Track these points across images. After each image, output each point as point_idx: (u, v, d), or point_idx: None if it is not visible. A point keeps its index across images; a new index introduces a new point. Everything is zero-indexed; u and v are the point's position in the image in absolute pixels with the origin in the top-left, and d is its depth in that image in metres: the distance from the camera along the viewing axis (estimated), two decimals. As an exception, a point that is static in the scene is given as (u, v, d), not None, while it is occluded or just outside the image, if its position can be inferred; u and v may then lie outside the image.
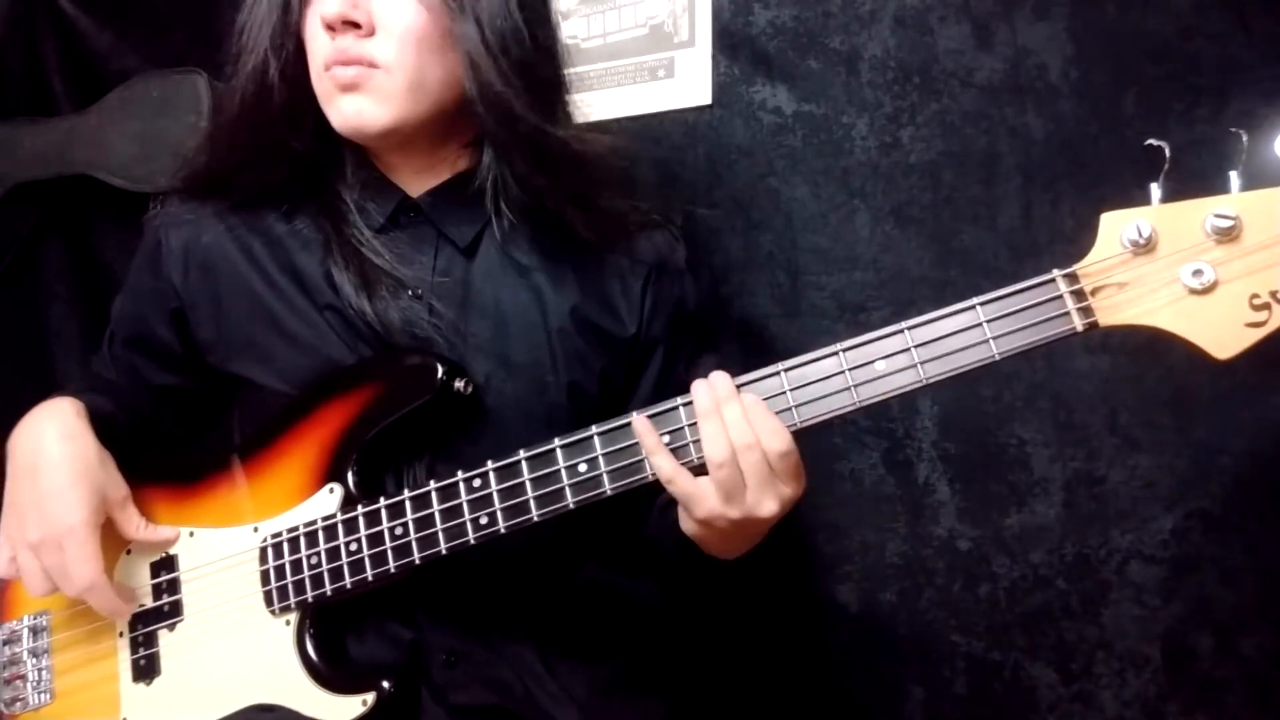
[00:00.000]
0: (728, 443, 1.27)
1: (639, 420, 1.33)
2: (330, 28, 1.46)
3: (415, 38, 1.47)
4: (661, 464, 1.31)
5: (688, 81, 2.14)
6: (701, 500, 1.30)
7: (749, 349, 2.08)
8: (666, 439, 1.33)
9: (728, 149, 2.12)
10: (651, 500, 1.64)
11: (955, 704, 2.00)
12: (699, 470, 1.30)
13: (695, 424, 1.31)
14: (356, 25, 1.46)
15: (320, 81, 1.51)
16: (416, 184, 1.62)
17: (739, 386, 1.32)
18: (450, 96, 1.53)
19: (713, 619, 2.07)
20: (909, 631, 2.03)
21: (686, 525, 1.37)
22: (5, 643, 1.62)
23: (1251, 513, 1.80)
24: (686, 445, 1.32)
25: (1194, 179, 1.18)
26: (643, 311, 1.64)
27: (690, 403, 1.32)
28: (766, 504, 1.29)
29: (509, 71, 1.50)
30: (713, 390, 1.30)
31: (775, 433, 1.28)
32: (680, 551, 1.45)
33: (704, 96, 2.13)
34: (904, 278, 1.99)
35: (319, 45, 1.50)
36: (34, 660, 1.60)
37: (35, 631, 1.61)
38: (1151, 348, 1.79)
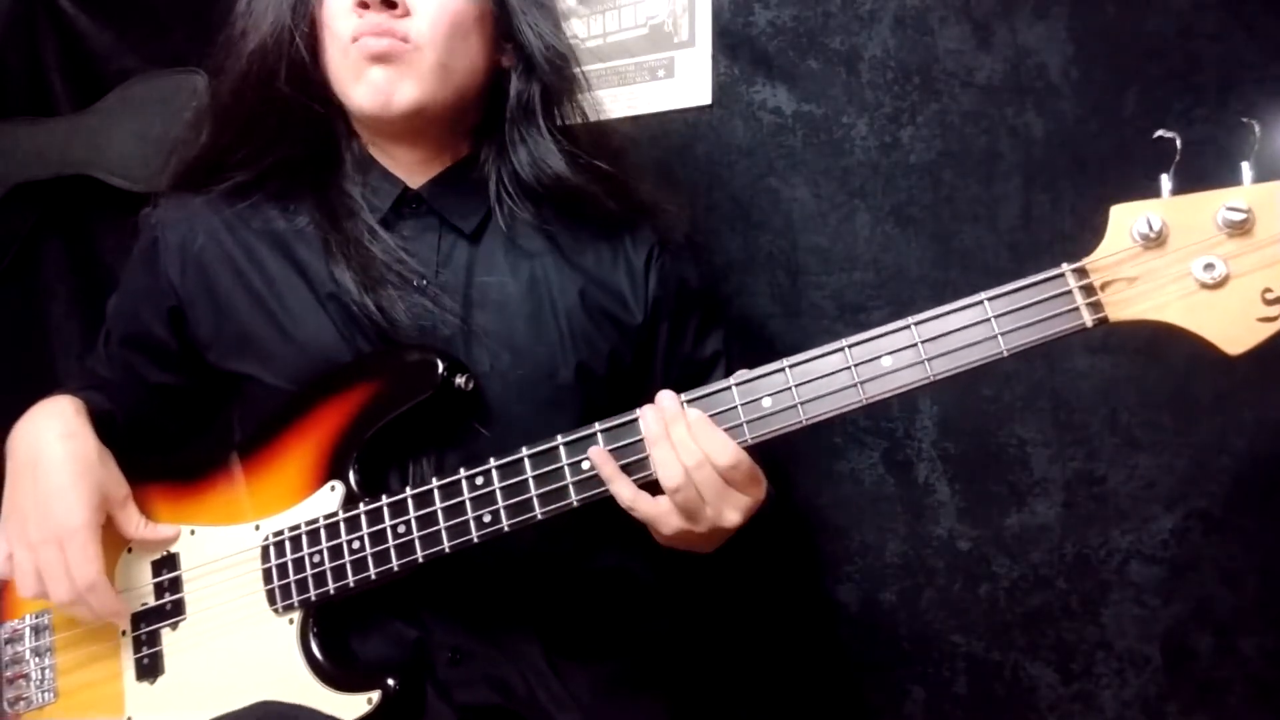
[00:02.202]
0: (680, 466, 1.28)
1: (595, 451, 1.33)
2: (364, 4, 1.47)
3: (449, 20, 1.50)
4: (621, 491, 1.32)
5: (688, 81, 2.14)
6: (665, 520, 1.31)
7: (749, 349, 2.07)
8: (617, 454, 1.34)
9: (728, 149, 2.12)
10: None
11: (955, 704, 2.00)
12: (657, 485, 1.31)
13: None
14: (392, 5, 1.47)
15: (345, 57, 1.51)
16: (416, 174, 1.62)
17: (689, 401, 1.33)
18: (473, 83, 1.56)
19: (713, 611, 2.07)
20: (909, 631, 2.03)
21: (656, 537, 1.37)
22: (7, 642, 1.62)
23: (1251, 513, 1.80)
24: (642, 460, 1.33)
25: (1194, 178, 1.18)
26: (648, 292, 1.65)
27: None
28: (728, 515, 1.30)
29: (547, 47, 1.56)
30: (660, 413, 1.31)
31: (723, 448, 1.28)
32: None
33: (704, 96, 2.13)
34: (904, 278, 1.99)
35: (345, 22, 1.50)
36: (37, 659, 1.60)
37: (37, 630, 1.61)
38: (1152, 348, 1.80)
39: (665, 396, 1.32)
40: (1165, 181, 1.18)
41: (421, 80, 1.49)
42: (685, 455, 1.28)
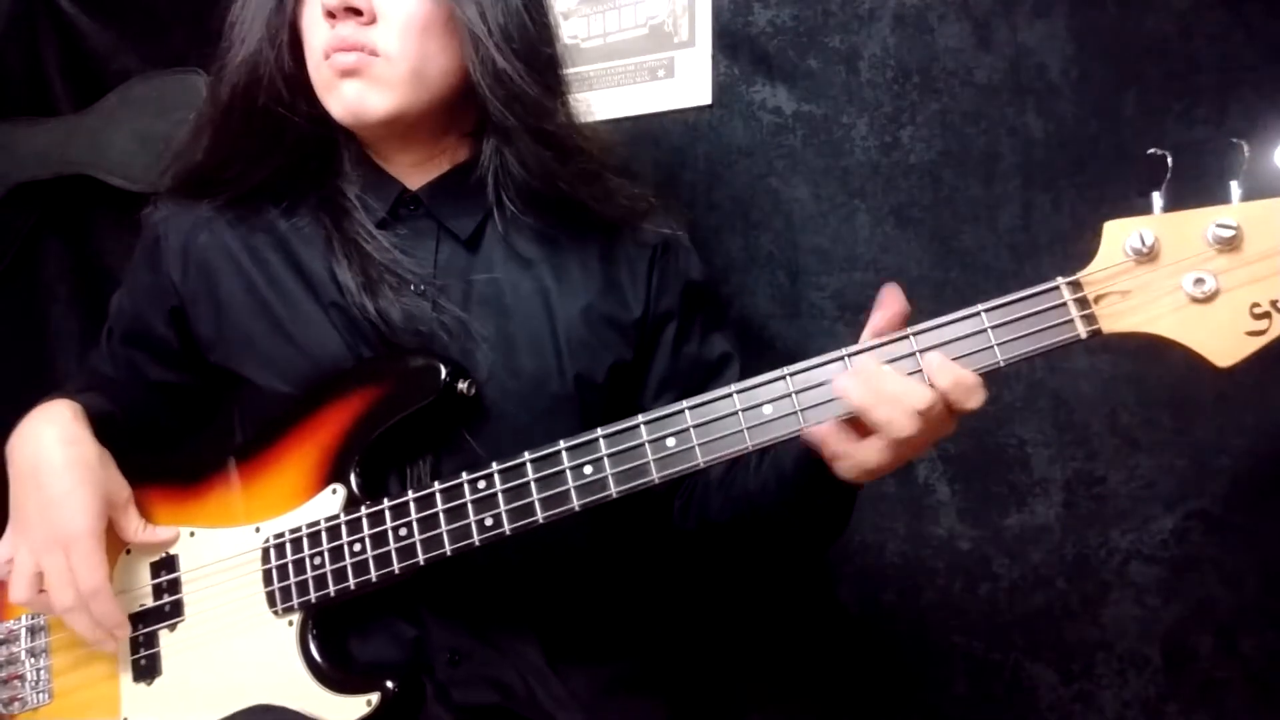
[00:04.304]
0: (909, 419, 1.20)
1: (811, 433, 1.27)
2: (331, 15, 1.47)
3: (417, 27, 1.48)
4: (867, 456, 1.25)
5: (688, 81, 2.14)
6: (888, 465, 1.26)
7: (749, 349, 2.07)
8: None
9: (728, 149, 2.12)
10: (667, 499, 1.67)
11: (955, 704, 2.00)
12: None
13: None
14: (358, 12, 1.46)
15: (319, 70, 1.51)
16: (415, 176, 1.62)
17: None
18: (451, 86, 1.54)
19: (713, 611, 2.08)
20: (909, 631, 2.03)
21: (848, 470, 1.29)
22: (2, 642, 1.62)
23: (1251, 513, 1.80)
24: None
25: (1194, 179, 1.19)
26: (649, 289, 1.65)
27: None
28: (946, 429, 1.25)
29: (511, 51, 1.51)
30: (860, 376, 1.24)
31: (972, 389, 1.21)
32: (803, 481, 1.40)
33: (704, 96, 2.13)
34: (904, 278, 1.97)
35: (318, 34, 1.50)
36: (32, 660, 1.60)
37: (33, 631, 1.61)
38: (1152, 348, 1.78)
39: (862, 359, 1.26)
40: (1157, 199, 1.20)
41: (392, 90, 1.49)
42: (913, 402, 1.20)
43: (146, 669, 1.53)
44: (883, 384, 1.22)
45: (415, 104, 1.52)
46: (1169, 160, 1.18)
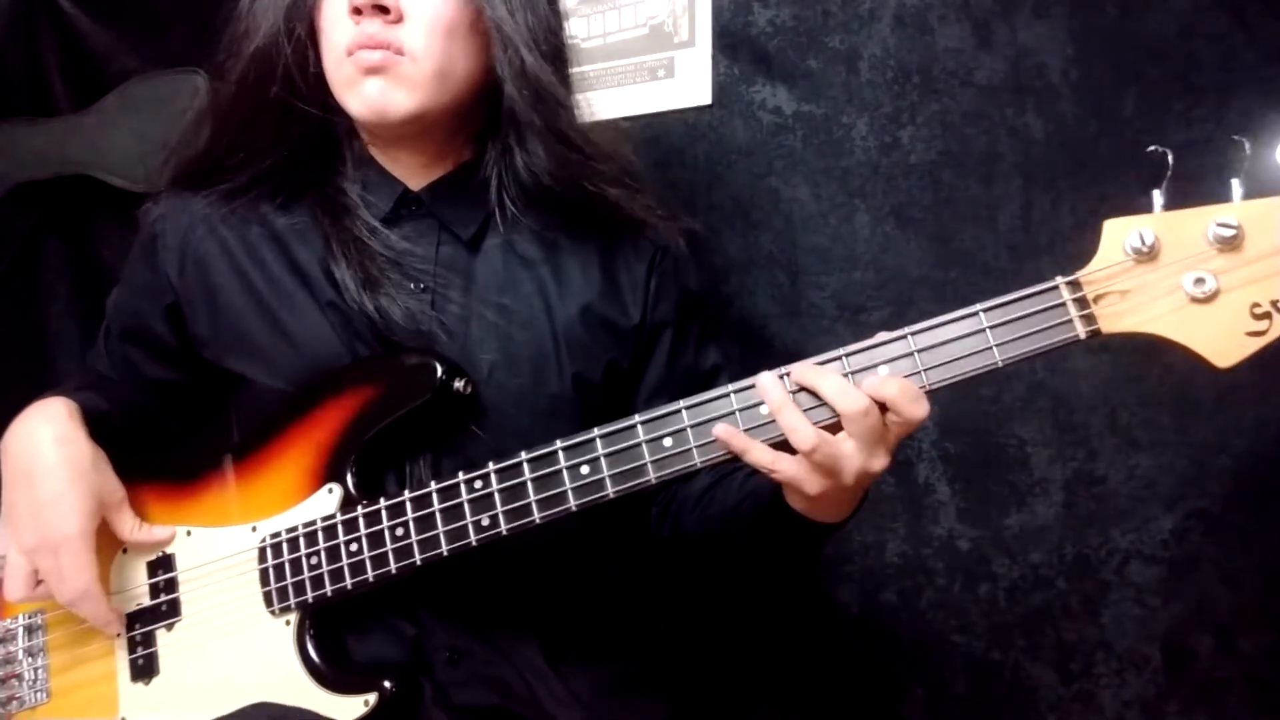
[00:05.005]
0: (810, 429, 1.23)
1: (721, 428, 1.28)
2: (357, 11, 1.46)
3: (443, 27, 1.47)
4: (759, 457, 1.26)
5: (688, 81, 2.14)
6: (807, 481, 1.26)
7: (749, 349, 2.08)
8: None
9: (728, 149, 2.12)
10: (649, 503, 1.67)
11: (955, 704, 2.00)
12: (780, 447, 1.26)
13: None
14: (385, 10, 1.45)
15: (340, 67, 1.50)
16: (418, 177, 1.61)
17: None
18: (472, 87, 1.54)
19: (714, 611, 2.07)
20: (909, 631, 2.03)
21: (795, 502, 1.33)
22: (0, 642, 1.62)
23: (1251, 513, 1.80)
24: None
25: (1193, 179, 1.19)
26: (647, 294, 1.65)
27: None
28: (876, 462, 1.25)
29: (540, 52, 1.51)
30: (780, 384, 1.27)
31: (916, 400, 1.23)
32: (774, 515, 1.39)
33: (704, 96, 2.14)
34: (904, 278, 1.99)
35: (341, 30, 1.48)
36: (29, 659, 1.59)
37: (30, 630, 1.60)
38: (1152, 348, 1.78)
39: (797, 367, 1.27)
40: (1157, 196, 1.19)
41: (416, 90, 1.48)
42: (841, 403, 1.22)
43: (144, 668, 1.53)
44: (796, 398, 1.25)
45: (437, 104, 1.51)
46: (1169, 158, 1.17)
